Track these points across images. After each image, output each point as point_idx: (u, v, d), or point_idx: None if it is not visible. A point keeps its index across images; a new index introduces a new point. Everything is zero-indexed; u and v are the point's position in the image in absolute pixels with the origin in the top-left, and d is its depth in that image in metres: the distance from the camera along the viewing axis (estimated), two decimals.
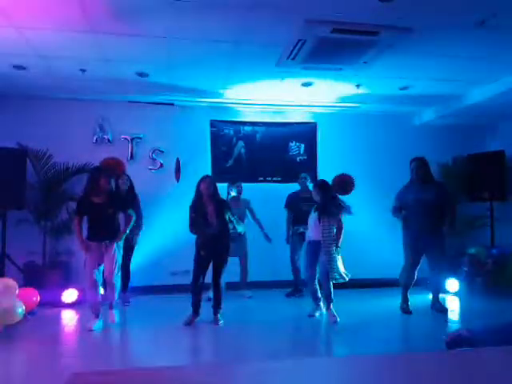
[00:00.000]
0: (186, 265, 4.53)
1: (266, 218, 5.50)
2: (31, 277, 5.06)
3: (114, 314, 4.26)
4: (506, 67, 4.58)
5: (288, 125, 6.36)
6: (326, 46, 3.94)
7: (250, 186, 5.90)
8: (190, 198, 4.37)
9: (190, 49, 4.16)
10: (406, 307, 4.73)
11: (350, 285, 4.50)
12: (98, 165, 5.08)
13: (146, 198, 5.21)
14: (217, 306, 4.29)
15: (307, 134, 6.37)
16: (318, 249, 4.40)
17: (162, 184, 5.86)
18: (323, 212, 4.36)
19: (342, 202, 4.44)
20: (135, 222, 4.45)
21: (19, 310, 3.90)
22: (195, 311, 4.25)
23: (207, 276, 4.31)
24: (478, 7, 3.32)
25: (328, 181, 4.73)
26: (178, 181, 5.95)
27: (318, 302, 4.55)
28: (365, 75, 4.84)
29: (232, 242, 4.44)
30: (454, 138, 6.39)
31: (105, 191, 4.10)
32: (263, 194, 5.88)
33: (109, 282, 4.17)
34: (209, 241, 4.19)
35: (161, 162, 5.99)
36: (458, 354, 1.55)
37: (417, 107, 6.25)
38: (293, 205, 5.50)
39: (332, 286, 4.35)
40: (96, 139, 5.83)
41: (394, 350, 3.46)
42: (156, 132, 5.95)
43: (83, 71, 4.67)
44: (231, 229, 4.39)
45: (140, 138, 5.95)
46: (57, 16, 3.45)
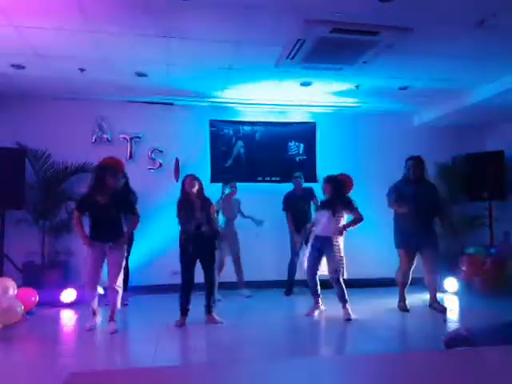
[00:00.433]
0: None
1: (264, 217, 5.49)
2: (30, 277, 5.05)
3: (115, 325, 3.99)
4: (506, 67, 4.58)
5: (287, 124, 6.35)
6: (326, 46, 3.94)
7: (249, 185, 5.91)
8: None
9: (189, 49, 4.16)
10: (403, 305, 4.75)
11: (349, 285, 4.50)
12: (103, 163, 4.92)
13: (145, 197, 5.19)
14: (210, 306, 4.24)
15: (306, 133, 6.37)
16: (325, 245, 4.38)
17: (161, 184, 5.85)
18: (337, 208, 4.36)
19: (352, 200, 4.48)
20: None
21: (18, 310, 3.89)
22: (183, 313, 4.17)
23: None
24: (478, 7, 3.32)
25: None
26: (177, 181, 5.94)
27: (317, 297, 4.52)
28: (364, 75, 4.84)
29: (223, 241, 4.41)
30: (453, 138, 6.40)
31: (111, 191, 4.00)
32: (262, 193, 5.88)
33: (111, 287, 3.99)
34: (192, 238, 4.15)
35: (160, 161, 5.98)
36: (457, 353, 1.55)
37: (416, 107, 6.26)
38: (291, 205, 5.50)
39: (344, 285, 4.36)
40: (95, 139, 5.82)
41: (393, 350, 3.46)
42: (155, 132, 5.94)
43: (82, 70, 4.67)
44: (222, 228, 4.38)
45: (139, 138, 5.95)
46: (56, 15, 3.45)
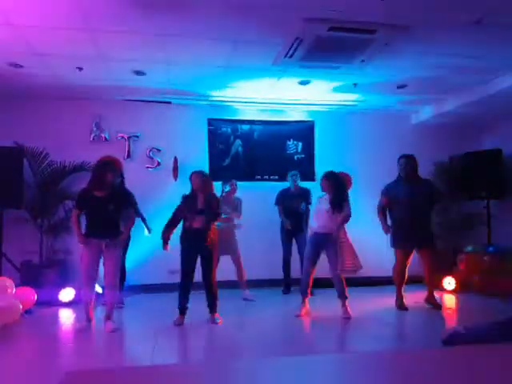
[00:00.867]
0: None
1: (263, 216, 5.50)
2: (28, 276, 5.04)
3: (112, 324, 3.98)
4: (503, 66, 4.59)
5: (285, 123, 6.35)
6: (324, 45, 3.93)
7: (248, 184, 5.91)
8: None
9: (187, 47, 4.15)
10: (401, 304, 4.76)
11: (348, 283, 4.50)
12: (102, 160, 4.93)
13: (143, 196, 5.19)
14: (212, 305, 4.24)
15: (305, 132, 6.38)
16: (324, 242, 4.35)
17: (160, 182, 5.85)
18: (339, 204, 4.33)
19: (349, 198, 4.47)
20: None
21: (16, 309, 3.89)
22: (182, 312, 4.16)
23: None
24: (475, 5, 3.32)
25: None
26: (176, 179, 5.94)
27: (305, 296, 4.48)
28: (362, 73, 4.83)
29: (220, 240, 4.39)
30: (451, 137, 6.41)
31: (109, 186, 3.99)
32: (260, 192, 5.88)
33: (108, 285, 3.99)
34: (192, 235, 4.15)
35: (158, 160, 5.98)
36: (455, 351, 1.55)
37: (414, 106, 6.26)
38: (284, 201, 5.52)
39: (344, 282, 4.35)
40: (93, 138, 5.81)
41: (390, 348, 3.47)
42: (153, 130, 5.94)
43: (80, 69, 4.65)
44: (220, 226, 4.39)
45: (137, 137, 5.94)
46: (54, 13, 3.44)
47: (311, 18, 3.53)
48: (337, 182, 4.41)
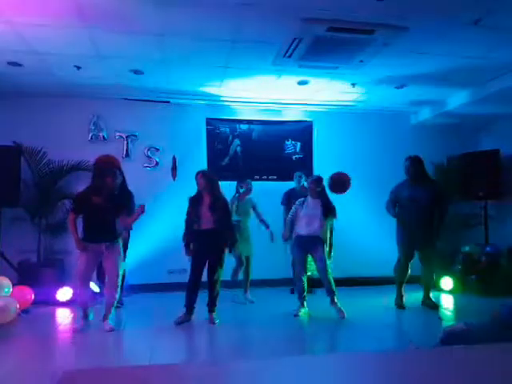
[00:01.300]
0: (183, 263, 4.52)
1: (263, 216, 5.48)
2: (26, 275, 5.03)
3: (111, 323, 4.01)
4: (502, 66, 4.59)
5: (284, 123, 6.35)
6: (322, 45, 3.93)
7: None
8: (185, 195, 4.36)
9: (186, 46, 4.14)
10: (400, 302, 4.79)
11: (347, 283, 4.51)
12: (101, 162, 4.87)
13: (141, 195, 5.18)
14: (212, 305, 4.25)
15: (303, 132, 6.38)
16: (314, 244, 4.40)
17: (158, 182, 5.84)
18: (330, 208, 4.41)
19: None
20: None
21: (13, 308, 3.88)
22: (189, 311, 4.17)
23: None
24: (474, 6, 3.32)
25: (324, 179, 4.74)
26: (174, 179, 5.93)
27: (303, 300, 4.53)
28: (361, 74, 4.84)
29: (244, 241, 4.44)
30: (449, 137, 6.42)
31: (108, 191, 3.97)
32: (259, 192, 5.86)
33: (109, 285, 3.97)
34: (202, 235, 4.16)
35: (156, 159, 5.97)
36: (453, 350, 1.55)
37: (413, 106, 6.26)
38: (290, 201, 5.49)
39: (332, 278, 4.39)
40: (91, 137, 5.80)
41: (389, 347, 3.47)
42: (152, 130, 5.92)
43: (78, 68, 4.64)
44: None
45: (135, 136, 5.93)
46: (52, 12, 3.43)
47: (310, 18, 3.53)
48: (324, 187, 4.52)
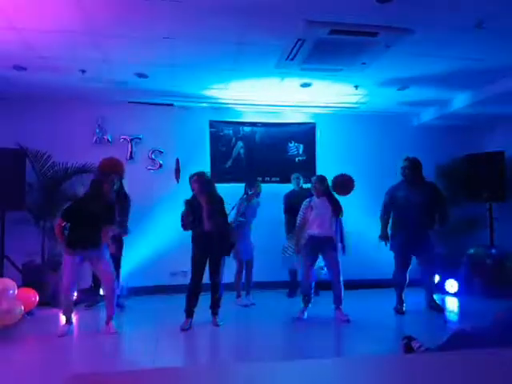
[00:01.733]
0: (185, 265, 4.51)
1: (263, 218, 5.49)
2: (30, 277, 5.05)
3: (112, 326, 4.07)
4: (505, 67, 4.58)
5: (287, 125, 6.36)
6: (325, 47, 3.94)
7: None
8: (189, 198, 4.37)
9: (190, 50, 4.15)
10: (400, 308, 4.74)
11: (349, 286, 4.50)
12: (99, 172, 4.97)
13: (144, 198, 5.21)
14: (215, 307, 4.26)
15: (306, 134, 6.38)
16: (326, 245, 4.37)
17: (161, 184, 5.86)
18: (339, 205, 4.40)
19: None
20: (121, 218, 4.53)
21: (18, 310, 3.90)
22: (189, 314, 4.16)
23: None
24: (476, 8, 3.32)
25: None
26: (177, 181, 5.95)
27: (308, 303, 4.51)
28: (364, 76, 4.84)
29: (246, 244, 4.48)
30: (452, 139, 6.40)
31: (103, 198, 4.08)
32: (262, 194, 5.87)
33: (107, 290, 4.07)
34: (203, 238, 4.16)
35: (160, 162, 5.99)
36: (456, 354, 1.55)
37: (415, 108, 6.26)
38: (293, 205, 5.47)
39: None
40: (95, 139, 5.83)
41: (391, 351, 3.46)
42: (155, 132, 5.95)
43: (83, 72, 4.67)
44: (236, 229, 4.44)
45: (139, 139, 5.96)
46: (57, 17, 3.45)
47: (313, 21, 3.53)
48: (328, 185, 4.52)
